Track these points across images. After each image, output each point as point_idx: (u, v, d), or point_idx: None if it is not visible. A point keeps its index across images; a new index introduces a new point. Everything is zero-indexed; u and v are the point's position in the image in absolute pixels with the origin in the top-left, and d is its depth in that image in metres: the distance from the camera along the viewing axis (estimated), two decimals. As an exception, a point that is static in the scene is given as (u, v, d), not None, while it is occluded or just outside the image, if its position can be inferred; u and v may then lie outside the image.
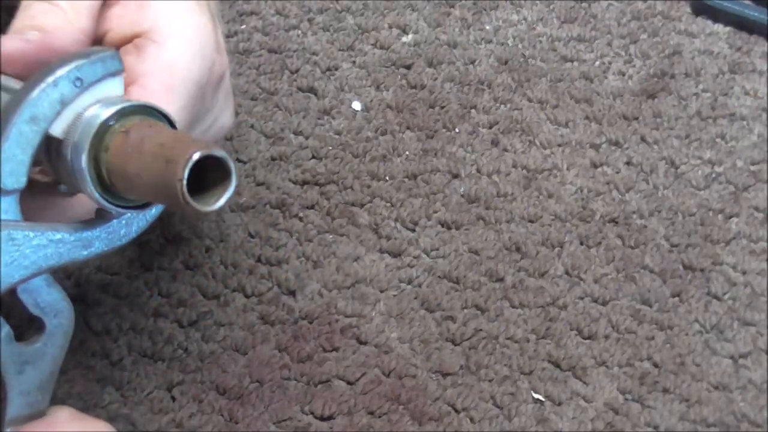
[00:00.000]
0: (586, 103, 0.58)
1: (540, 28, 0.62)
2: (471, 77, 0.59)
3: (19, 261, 0.32)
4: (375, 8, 0.63)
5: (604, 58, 0.61)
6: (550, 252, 0.52)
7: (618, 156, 0.56)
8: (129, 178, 0.31)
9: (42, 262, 0.33)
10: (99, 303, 0.49)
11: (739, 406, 0.47)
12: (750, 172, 0.55)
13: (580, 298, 0.50)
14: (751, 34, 0.62)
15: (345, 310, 0.49)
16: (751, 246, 0.52)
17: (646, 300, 0.50)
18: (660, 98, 0.59)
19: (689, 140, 0.57)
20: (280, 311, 0.49)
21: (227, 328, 0.48)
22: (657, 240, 0.52)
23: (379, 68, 0.60)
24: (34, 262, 0.33)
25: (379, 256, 0.51)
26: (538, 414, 0.46)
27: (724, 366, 0.48)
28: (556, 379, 0.47)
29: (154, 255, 0.50)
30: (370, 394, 0.46)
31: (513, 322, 0.49)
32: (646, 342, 0.49)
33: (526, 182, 0.55)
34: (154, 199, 0.33)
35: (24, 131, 0.32)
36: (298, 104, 0.58)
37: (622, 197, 0.54)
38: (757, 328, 0.49)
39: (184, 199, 0.29)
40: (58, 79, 0.32)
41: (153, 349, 0.47)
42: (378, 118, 0.57)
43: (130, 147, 0.31)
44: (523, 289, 0.50)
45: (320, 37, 0.61)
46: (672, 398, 0.47)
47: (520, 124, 0.57)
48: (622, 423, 0.46)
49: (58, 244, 0.33)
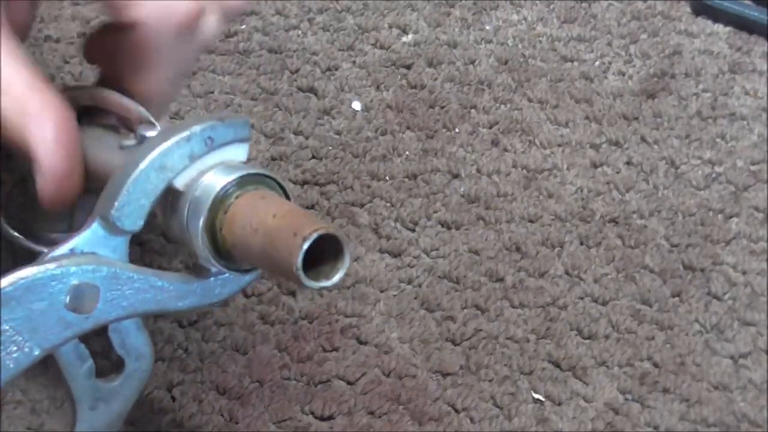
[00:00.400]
0: (586, 103, 0.58)
1: (540, 28, 0.62)
2: (471, 77, 0.59)
3: (119, 300, 0.33)
4: (375, 8, 0.63)
5: (604, 58, 0.61)
6: (550, 252, 0.52)
7: (618, 156, 0.56)
8: (243, 248, 0.32)
9: (139, 305, 0.34)
10: (99, 303, 0.49)
11: (739, 406, 0.47)
12: (750, 172, 0.55)
13: (580, 298, 0.50)
14: (751, 34, 0.62)
15: (345, 310, 0.49)
16: (751, 246, 0.52)
17: (646, 300, 0.50)
18: (660, 98, 0.59)
19: (689, 140, 0.57)
20: (280, 311, 0.49)
21: (227, 328, 0.48)
22: (657, 240, 0.52)
23: (379, 68, 0.60)
24: (131, 304, 0.33)
25: (379, 256, 0.51)
26: (538, 414, 0.46)
27: (724, 366, 0.48)
28: (556, 379, 0.47)
29: (154, 255, 0.50)
30: (370, 394, 0.46)
31: (513, 322, 0.49)
32: (646, 342, 0.49)
33: (526, 182, 0.55)
34: (265, 269, 0.34)
35: (151, 177, 0.33)
36: (298, 104, 0.58)
37: (622, 197, 0.54)
38: (757, 328, 0.49)
39: (298, 279, 0.30)
40: (192, 134, 0.33)
41: (153, 349, 0.47)
42: (378, 118, 0.57)
43: (245, 218, 0.32)
44: (523, 289, 0.50)
45: (320, 37, 0.61)
46: (672, 398, 0.47)
47: (520, 124, 0.57)
48: (622, 423, 0.46)
49: (157, 291, 0.34)
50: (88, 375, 0.36)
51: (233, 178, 0.33)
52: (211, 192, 0.33)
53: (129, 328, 0.36)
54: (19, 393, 0.45)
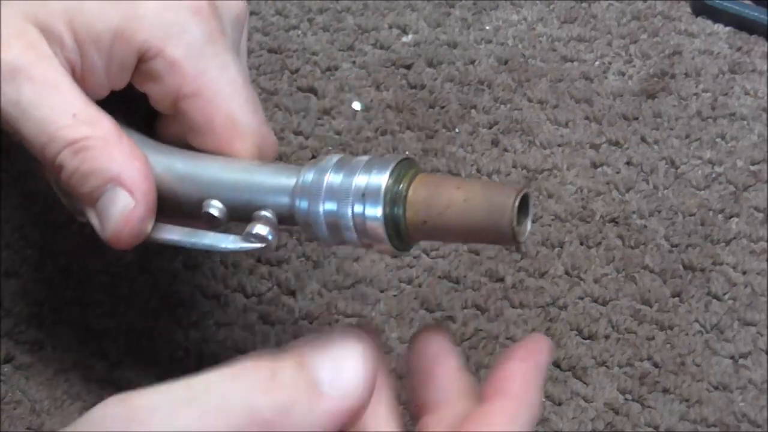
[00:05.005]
0: (586, 103, 0.58)
1: (540, 28, 0.62)
2: (471, 77, 0.59)
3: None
4: (375, 8, 0.63)
5: (604, 58, 0.61)
6: (550, 252, 0.52)
7: (618, 156, 0.56)
8: (437, 224, 0.33)
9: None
10: (99, 303, 0.49)
11: (739, 406, 0.47)
12: (750, 172, 0.55)
13: (580, 298, 0.50)
14: (751, 34, 0.62)
15: (345, 310, 0.49)
16: (751, 246, 0.52)
17: (646, 300, 0.50)
18: (660, 98, 0.59)
19: (689, 140, 0.57)
20: (280, 311, 0.49)
21: (227, 329, 0.48)
22: (657, 240, 0.52)
23: (379, 68, 0.60)
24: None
25: (379, 256, 0.51)
26: (538, 414, 0.46)
27: (724, 366, 0.48)
28: (556, 379, 0.47)
29: (153, 255, 0.50)
30: (370, 394, 0.46)
31: (513, 322, 0.49)
32: (646, 342, 0.49)
33: (526, 182, 0.55)
34: (462, 240, 0.36)
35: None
36: (298, 104, 0.58)
37: (622, 197, 0.54)
38: (757, 328, 0.49)
39: (513, 235, 0.32)
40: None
41: (153, 349, 0.47)
42: (378, 118, 0.57)
43: (430, 201, 0.33)
44: (523, 289, 0.50)
45: (320, 37, 0.61)
46: (672, 398, 0.47)
47: (520, 124, 0.57)
48: (622, 423, 0.46)
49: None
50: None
51: (391, 169, 0.34)
52: (379, 188, 0.34)
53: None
54: (19, 393, 0.45)
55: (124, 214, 0.37)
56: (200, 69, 0.39)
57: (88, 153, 0.36)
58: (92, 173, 0.37)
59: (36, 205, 0.51)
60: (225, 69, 0.39)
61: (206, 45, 0.39)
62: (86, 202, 0.38)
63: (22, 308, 0.48)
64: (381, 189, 0.34)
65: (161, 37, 0.38)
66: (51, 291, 0.49)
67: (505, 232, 0.32)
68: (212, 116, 0.39)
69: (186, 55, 0.38)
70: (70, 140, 0.36)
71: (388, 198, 0.34)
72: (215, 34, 0.39)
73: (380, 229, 0.34)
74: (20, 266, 0.49)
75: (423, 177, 0.34)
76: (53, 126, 0.37)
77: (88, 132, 0.37)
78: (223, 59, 0.39)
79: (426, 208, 0.33)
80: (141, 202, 0.37)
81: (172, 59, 0.38)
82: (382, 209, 0.34)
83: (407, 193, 0.34)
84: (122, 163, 0.37)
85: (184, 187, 0.38)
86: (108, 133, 0.37)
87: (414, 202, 0.34)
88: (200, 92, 0.39)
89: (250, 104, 0.40)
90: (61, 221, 0.51)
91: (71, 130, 0.37)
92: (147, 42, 0.38)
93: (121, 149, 0.37)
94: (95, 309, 0.48)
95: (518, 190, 0.32)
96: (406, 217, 0.34)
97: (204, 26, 0.39)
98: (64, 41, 0.37)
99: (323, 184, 0.35)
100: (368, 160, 0.35)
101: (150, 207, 0.37)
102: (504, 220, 0.32)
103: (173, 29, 0.38)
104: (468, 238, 0.34)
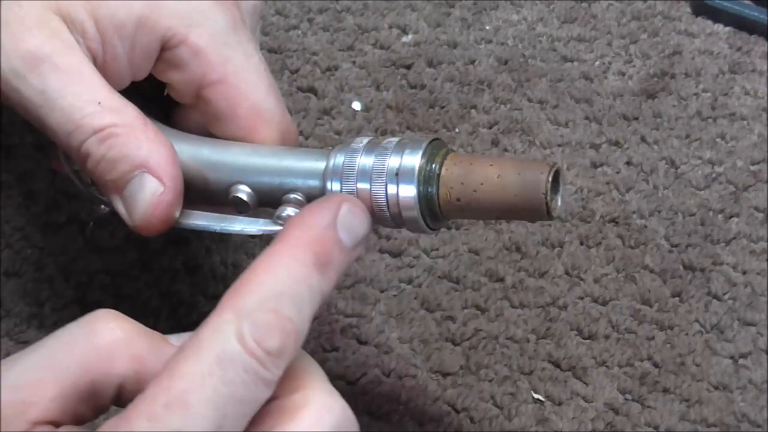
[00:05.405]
0: (586, 103, 0.58)
1: (540, 28, 0.62)
2: (471, 77, 0.59)
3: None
4: (375, 8, 0.63)
5: (604, 58, 0.61)
6: (550, 252, 0.52)
7: (618, 156, 0.56)
8: (474, 206, 0.34)
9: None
10: (99, 303, 0.49)
11: (739, 406, 0.47)
12: (750, 172, 0.55)
13: (580, 298, 0.50)
14: (751, 34, 0.62)
15: (345, 310, 0.49)
16: (751, 246, 0.52)
17: (646, 300, 0.50)
18: (660, 98, 0.59)
19: (689, 140, 0.57)
20: (280, 311, 0.49)
21: (227, 328, 0.48)
22: (657, 240, 0.52)
23: (379, 68, 0.60)
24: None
25: (379, 256, 0.51)
26: (538, 414, 0.46)
27: (724, 366, 0.48)
28: (556, 379, 0.47)
29: (154, 255, 0.50)
30: (370, 394, 0.46)
31: (513, 322, 0.49)
32: (646, 342, 0.49)
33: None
34: (495, 216, 0.37)
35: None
36: (298, 104, 0.58)
37: (622, 197, 0.54)
38: (757, 328, 0.49)
39: (548, 211, 0.33)
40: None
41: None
42: (378, 118, 0.57)
43: (464, 179, 0.34)
44: (523, 289, 0.50)
45: (320, 37, 0.61)
46: (672, 398, 0.47)
47: (520, 124, 0.57)
48: (622, 423, 0.46)
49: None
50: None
51: (424, 148, 0.35)
52: (413, 169, 0.34)
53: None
54: (19, 393, 0.45)
55: (153, 199, 0.37)
56: (225, 56, 0.39)
57: (114, 140, 0.36)
58: (119, 160, 0.37)
59: (36, 206, 0.51)
60: (249, 57, 0.39)
61: (230, 33, 0.39)
62: (113, 189, 0.38)
63: (22, 308, 0.48)
64: (415, 168, 0.34)
65: (185, 25, 0.38)
66: (51, 291, 0.49)
67: (540, 207, 0.33)
68: (237, 103, 0.39)
69: (210, 43, 0.38)
70: (96, 128, 0.36)
71: (422, 177, 0.34)
72: (238, 23, 0.39)
73: (415, 208, 0.34)
74: (20, 266, 0.49)
75: (455, 156, 0.35)
76: (79, 114, 0.36)
77: (114, 119, 0.37)
78: (246, 47, 0.39)
79: (460, 186, 0.34)
80: (170, 187, 0.37)
81: (196, 47, 0.38)
82: (416, 188, 0.34)
83: (440, 171, 0.34)
84: (149, 149, 0.37)
85: (212, 173, 0.38)
86: (134, 120, 0.37)
87: (448, 181, 0.34)
88: (225, 79, 0.39)
89: (273, 92, 0.40)
90: (62, 221, 0.51)
91: (97, 117, 0.36)
92: (171, 29, 0.38)
93: (148, 136, 0.37)
94: (95, 309, 0.48)
95: (551, 165, 0.33)
96: (439, 196, 0.34)
97: (227, 14, 0.39)
98: (86, 30, 0.37)
99: (356, 165, 0.35)
100: (399, 141, 0.35)
101: (178, 192, 0.37)
102: (538, 195, 0.33)
103: (197, 17, 0.38)
104: (501, 215, 0.35)
